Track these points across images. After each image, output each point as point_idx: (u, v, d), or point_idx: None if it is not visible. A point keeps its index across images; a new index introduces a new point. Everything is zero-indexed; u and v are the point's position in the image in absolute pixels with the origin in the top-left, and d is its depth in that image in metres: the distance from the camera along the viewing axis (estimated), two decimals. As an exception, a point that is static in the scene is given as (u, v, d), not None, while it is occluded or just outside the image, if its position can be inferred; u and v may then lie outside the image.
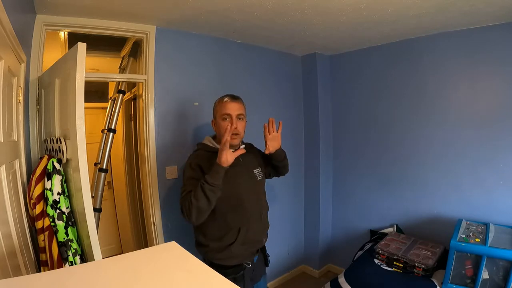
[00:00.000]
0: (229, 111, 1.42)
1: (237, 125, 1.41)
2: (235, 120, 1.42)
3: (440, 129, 2.22)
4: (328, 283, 2.08)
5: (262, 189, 1.61)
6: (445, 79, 2.18)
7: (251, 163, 1.56)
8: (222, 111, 1.43)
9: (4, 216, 1.00)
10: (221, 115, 1.43)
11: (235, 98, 1.46)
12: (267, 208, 1.61)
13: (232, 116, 1.42)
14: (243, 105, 1.49)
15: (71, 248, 1.27)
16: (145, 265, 0.49)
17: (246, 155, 1.47)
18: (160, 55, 2.01)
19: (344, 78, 2.82)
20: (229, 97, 1.45)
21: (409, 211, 2.40)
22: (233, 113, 1.42)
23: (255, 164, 1.58)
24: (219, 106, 1.46)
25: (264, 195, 1.62)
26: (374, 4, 1.68)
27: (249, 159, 1.54)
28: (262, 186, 1.61)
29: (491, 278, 1.58)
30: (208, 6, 1.69)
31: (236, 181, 1.43)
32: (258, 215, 1.52)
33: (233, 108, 1.43)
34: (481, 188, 2.04)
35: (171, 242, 0.59)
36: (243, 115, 1.47)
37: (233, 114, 1.42)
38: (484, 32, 1.97)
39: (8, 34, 0.97)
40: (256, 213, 1.51)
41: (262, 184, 1.60)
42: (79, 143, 1.22)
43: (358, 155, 2.74)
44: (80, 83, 1.21)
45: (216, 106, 1.48)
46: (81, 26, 1.76)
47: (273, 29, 2.11)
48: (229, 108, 1.43)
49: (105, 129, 2.50)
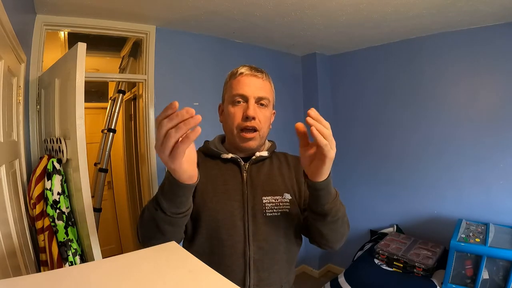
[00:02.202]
0: (244, 90, 0.83)
1: (255, 114, 0.82)
2: (253, 106, 0.82)
3: (440, 129, 2.22)
4: (328, 283, 2.08)
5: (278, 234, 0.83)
6: (445, 79, 2.18)
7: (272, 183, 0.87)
8: (233, 90, 0.84)
9: (4, 216, 1.00)
10: (231, 96, 0.84)
11: (257, 71, 0.86)
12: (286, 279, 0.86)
13: (249, 98, 0.82)
14: (270, 83, 0.89)
15: (71, 248, 1.27)
16: (145, 265, 0.49)
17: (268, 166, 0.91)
18: (160, 55, 2.01)
19: (344, 78, 2.82)
20: (247, 68, 0.86)
21: (409, 211, 2.40)
22: (251, 94, 0.82)
23: (278, 187, 0.87)
24: (230, 82, 0.87)
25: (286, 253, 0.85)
26: (374, 4, 1.68)
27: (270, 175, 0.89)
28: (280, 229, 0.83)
29: (491, 278, 1.57)
30: (208, 6, 1.69)
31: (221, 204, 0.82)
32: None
33: (252, 85, 0.83)
34: (481, 188, 2.04)
35: (171, 242, 0.58)
36: (268, 99, 0.86)
37: (251, 96, 0.82)
38: (484, 32, 1.97)
39: (8, 34, 0.97)
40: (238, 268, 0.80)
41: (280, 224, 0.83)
42: (79, 143, 1.22)
43: (359, 155, 2.74)
44: (80, 83, 1.21)
45: (226, 82, 0.89)
46: (81, 26, 1.77)
47: (273, 29, 2.11)
48: (246, 84, 0.83)
49: (105, 129, 2.50)
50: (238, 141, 0.85)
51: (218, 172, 0.87)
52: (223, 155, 0.87)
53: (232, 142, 0.88)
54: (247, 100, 0.83)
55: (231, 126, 0.85)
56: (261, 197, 0.84)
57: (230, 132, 0.86)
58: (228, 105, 0.86)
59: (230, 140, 0.88)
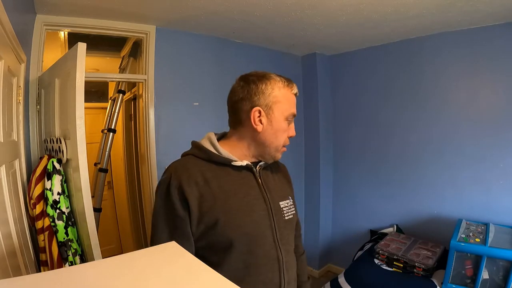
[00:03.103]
0: (295, 111, 0.84)
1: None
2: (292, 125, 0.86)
3: (440, 129, 2.22)
4: (328, 283, 2.08)
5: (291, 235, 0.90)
6: (445, 79, 2.18)
7: (279, 188, 0.90)
8: (290, 107, 0.82)
9: (4, 216, 1.00)
10: (289, 113, 0.82)
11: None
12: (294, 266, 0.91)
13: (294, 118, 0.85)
14: None
15: (71, 248, 1.27)
16: (145, 265, 0.49)
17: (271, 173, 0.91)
18: (160, 55, 2.01)
19: (344, 78, 2.82)
20: (296, 86, 0.85)
21: (409, 211, 2.40)
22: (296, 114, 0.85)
23: (284, 191, 0.92)
24: (286, 95, 0.82)
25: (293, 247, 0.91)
26: (374, 4, 1.68)
27: (276, 180, 0.91)
28: (292, 231, 0.91)
29: (491, 278, 1.57)
30: (208, 6, 1.69)
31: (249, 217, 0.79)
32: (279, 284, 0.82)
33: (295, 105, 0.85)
34: (481, 188, 2.04)
35: (171, 242, 0.58)
36: None
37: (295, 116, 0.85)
38: (484, 32, 1.97)
39: (8, 34, 0.97)
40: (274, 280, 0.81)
41: (292, 226, 0.90)
42: (79, 143, 1.22)
43: (359, 155, 2.74)
44: (80, 83, 1.21)
45: (276, 92, 0.80)
46: (81, 26, 1.77)
47: (273, 29, 2.11)
48: (295, 104, 0.85)
49: (105, 129, 2.50)
50: (276, 155, 0.85)
51: (234, 184, 0.80)
52: (236, 162, 0.80)
53: (267, 153, 0.84)
54: (293, 120, 0.85)
55: (280, 142, 0.83)
56: (278, 202, 0.86)
57: (273, 145, 0.83)
58: (282, 119, 0.81)
59: (266, 151, 0.83)
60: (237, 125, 0.83)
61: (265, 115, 0.80)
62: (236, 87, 0.82)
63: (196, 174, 0.76)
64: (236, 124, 0.84)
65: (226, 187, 0.78)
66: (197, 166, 0.78)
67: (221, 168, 0.80)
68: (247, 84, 0.80)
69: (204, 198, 0.74)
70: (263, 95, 0.79)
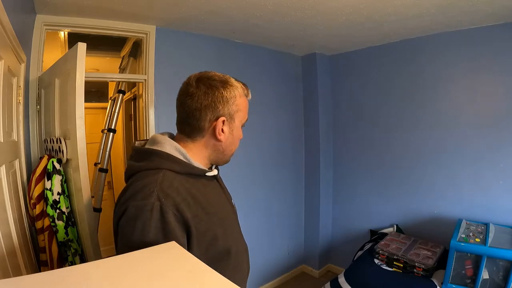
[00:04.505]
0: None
1: None
2: None
3: (439, 129, 2.22)
4: (328, 283, 2.08)
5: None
6: (445, 79, 2.18)
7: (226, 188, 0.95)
8: (246, 113, 0.84)
9: (4, 216, 1.00)
10: (245, 119, 0.84)
11: None
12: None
13: None
14: None
15: (71, 248, 1.27)
16: (145, 265, 0.49)
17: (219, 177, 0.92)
18: (160, 55, 2.01)
19: (344, 78, 2.82)
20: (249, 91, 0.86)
21: (409, 211, 2.40)
22: None
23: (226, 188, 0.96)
24: (244, 103, 0.82)
25: None
26: (374, 4, 1.68)
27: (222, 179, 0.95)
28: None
29: (491, 278, 1.58)
30: (208, 6, 1.69)
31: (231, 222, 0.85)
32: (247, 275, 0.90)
33: None
34: (481, 188, 2.04)
35: (171, 242, 0.58)
36: None
37: None
38: (484, 32, 1.97)
39: (8, 34, 0.97)
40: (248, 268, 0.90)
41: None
42: (79, 143, 1.22)
43: (359, 155, 2.74)
44: (80, 83, 1.21)
45: (237, 97, 0.79)
46: (81, 26, 1.77)
47: (273, 29, 2.11)
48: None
49: (105, 129, 2.50)
50: (229, 159, 0.85)
51: (213, 194, 0.80)
52: (209, 173, 0.79)
53: (222, 160, 0.83)
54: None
55: (235, 147, 0.83)
56: (231, 201, 0.91)
57: (231, 152, 0.83)
58: (239, 126, 0.81)
59: (222, 158, 0.83)
60: (195, 133, 0.78)
61: (228, 124, 0.78)
62: (197, 92, 0.75)
63: (184, 193, 0.69)
64: (194, 131, 0.77)
65: (211, 200, 0.76)
66: (181, 183, 0.70)
67: (197, 180, 0.76)
68: (211, 91, 0.75)
69: (199, 218, 0.69)
70: (227, 104, 0.76)
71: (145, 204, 0.64)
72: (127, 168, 0.76)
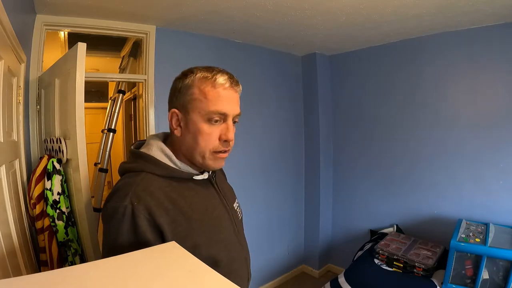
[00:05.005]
0: (225, 108, 0.70)
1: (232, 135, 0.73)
2: (232, 126, 0.74)
3: (440, 128, 2.22)
4: (328, 283, 2.08)
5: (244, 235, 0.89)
6: (445, 79, 2.18)
7: (228, 189, 0.90)
8: (211, 105, 0.69)
9: (4, 216, 1.00)
10: (209, 112, 0.69)
11: (237, 83, 0.74)
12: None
13: (229, 117, 0.72)
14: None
15: (71, 248, 1.27)
16: (145, 265, 0.49)
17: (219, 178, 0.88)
18: (160, 55, 2.01)
19: (344, 78, 2.82)
20: (227, 77, 0.71)
21: (409, 211, 2.40)
22: (232, 113, 0.72)
23: (231, 192, 0.92)
24: (205, 91, 0.69)
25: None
26: (374, 4, 1.68)
27: (224, 183, 0.91)
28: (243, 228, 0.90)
29: (491, 278, 1.58)
30: (208, 6, 1.69)
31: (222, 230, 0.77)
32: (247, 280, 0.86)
33: (232, 101, 0.72)
34: (481, 188, 2.04)
35: (171, 242, 0.58)
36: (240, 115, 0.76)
37: (231, 115, 0.72)
38: (484, 32, 1.97)
39: (8, 34, 0.97)
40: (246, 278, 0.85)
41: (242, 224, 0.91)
42: (79, 143, 1.22)
43: (359, 155, 2.74)
44: (80, 83, 1.21)
45: (193, 86, 0.70)
46: (81, 26, 1.77)
47: (273, 29, 2.11)
48: (227, 100, 0.70)
49: (105, 129, 2.51)
50: (210, 163, 0.73)
51: (201, 199, 0.74)
52: (198, 176, 0.75)
53: (196, 161, 0.73)
54: (226, 119, 0.71)
55: (203, 147, 0.70)
56: (232, 205, 0.85)
57: (200, 153, 0.71)
58: (201, 122, 0.69)
59: (194, 159, 0.73)
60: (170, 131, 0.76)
61: (183, 116, 0.70)
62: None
63: (162, 197, 0.65)
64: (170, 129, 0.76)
65: (195, 205, 0.71)
66: (159, 187, 0.67)
67: (181, 184, 0.71)
68: (172, 83, 0.74)
69: (177, 223, 0.65)
70: (180, 94, 0.70)
71: (119, 206, 0.63)
72: (118, 169, 0.76)
